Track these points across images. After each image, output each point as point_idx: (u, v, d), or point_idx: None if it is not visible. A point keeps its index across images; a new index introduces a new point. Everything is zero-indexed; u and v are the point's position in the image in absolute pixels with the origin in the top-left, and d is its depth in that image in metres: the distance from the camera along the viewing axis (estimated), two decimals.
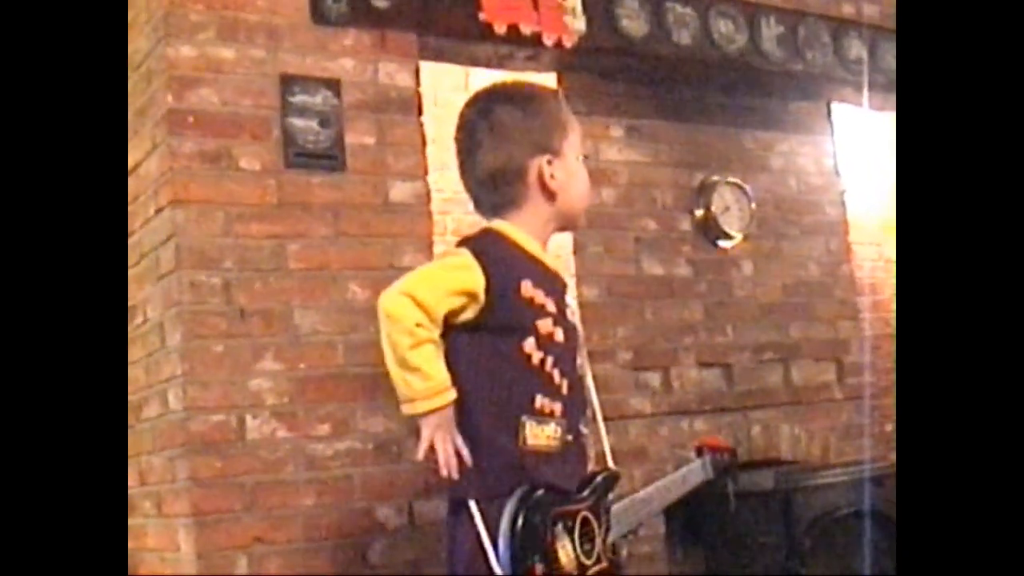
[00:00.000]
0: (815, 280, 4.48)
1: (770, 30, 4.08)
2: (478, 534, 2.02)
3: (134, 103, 3.17)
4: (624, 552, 3.55)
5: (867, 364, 4.52)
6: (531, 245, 2.18)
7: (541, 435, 2.08)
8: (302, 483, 2.99)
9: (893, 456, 4.35)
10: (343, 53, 3.25)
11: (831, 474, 3.87)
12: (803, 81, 4.30)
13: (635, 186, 4.08)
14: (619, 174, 4.04)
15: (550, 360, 2.11)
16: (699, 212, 4.17)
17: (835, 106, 4.61)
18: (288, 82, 3.14)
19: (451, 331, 2.08)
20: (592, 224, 3.95)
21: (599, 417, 2.27)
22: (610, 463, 2.30)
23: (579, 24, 3.61)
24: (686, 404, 4.03)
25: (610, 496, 2.22)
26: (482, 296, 2.06)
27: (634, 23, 3.75)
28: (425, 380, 2.04)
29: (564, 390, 2.13)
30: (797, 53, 4.16)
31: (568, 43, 3.60)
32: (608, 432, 3.77)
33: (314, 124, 3.15)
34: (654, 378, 3.99)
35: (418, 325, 2.03)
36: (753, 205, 4.27)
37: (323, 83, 3.19)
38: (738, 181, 4.25)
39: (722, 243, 4.22)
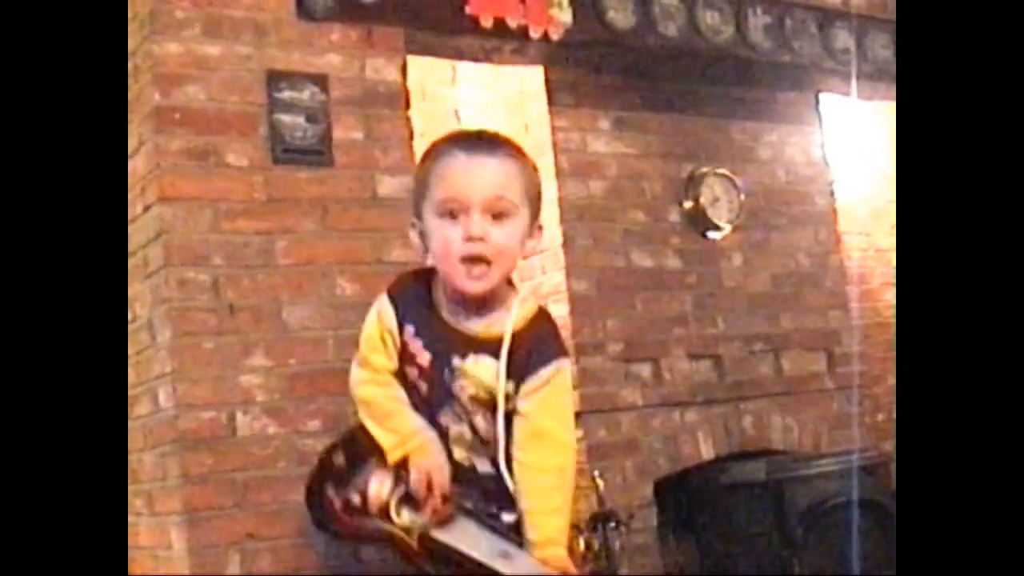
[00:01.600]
0: (805, 270, 4.48)
1: (757, 20, 4.08)
2: None
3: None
4: (617, 544, 3.58)
5: (857, 354, 4.53)
6: (438, 290, 2.17)
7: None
8: (293, 479, 2.98)
9: (884, 445, 4.37)
10: (329, 48, 3.24)
11: (823, 464, 3.87)
12: (791, 71, 4.30)
13: (624, 178, 4.08)
14: (607, 166, 4.05)
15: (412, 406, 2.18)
16: (688, 203, 4.18)
17: (823, 96, 4.61)
18: (275, 78, 3.13)
19: None
20: (581, 216, 3.96)
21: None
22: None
23: (565, 16, 3.60)
24: (677, 396, 4.04)
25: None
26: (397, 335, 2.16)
27: (620, 15, 3.75)
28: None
29: None
30: (784, 43, 4.15)
31: (554, 36, 3.59)
32: (599, 424, 3.81)
33: (301, 120, 3.15)
34: (644, 370, 3.99)
35: (362, 383, 2.23)
36: (742, 196, 4.27)
37: (310, 78, 3.18)
38: (727, 172, 4.25)
39: (711, 234, 4.22)
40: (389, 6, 3.32)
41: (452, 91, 4.39)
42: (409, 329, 2.15)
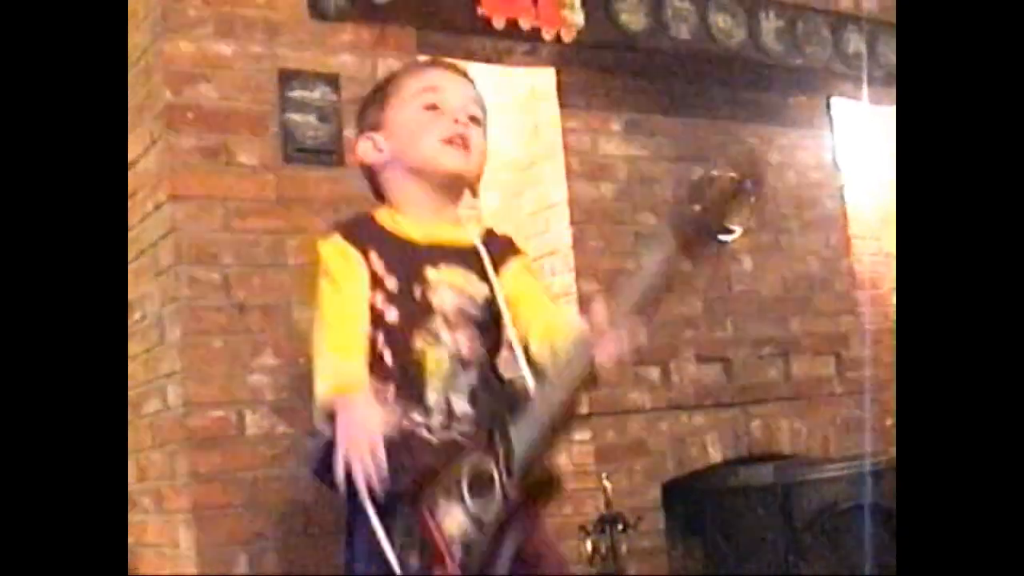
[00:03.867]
0: (815, 274, 4.47)
1: (769, 24, 4.08)
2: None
3: (133, 99, 3.16)
4: (624, 547, 3.57)
5: (867, 358, 4.52)
6: (386, 219, 2.12)
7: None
8: (302, 478, 2.98)
9: (893, 450, 4.36)
10: (342, 48, 3.24)
11: (831, 468, 3.86)
12: (802, 75, 4.29)
13: (634, 180, 4.07)
14: (618, 168, 4.04)
15: (380, 339, 1.99)
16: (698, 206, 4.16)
17: (834, 100, 4.60)
18: (286, 77, 3.13)
19: None
20: (591, 218, 3.95)
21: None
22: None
23: (578, 18, 3.60)
24: (685, 399, 4.03)
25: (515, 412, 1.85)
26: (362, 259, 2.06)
27: (633, 17, 3.75)
28: None
29: (395, 370, 1.97)
30: (796, 47, 4.15)
31: (567, 37, 3.59)
32: (608, 426, 3.80)
33: (313, 119, 3.15)
34: (653, 372, 3.98)
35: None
36: (753, 199, 4.25)
37: (321, 78, 3.18)
38: (737, 176, 4.24)
39: (721, 237, 4.20)
40: (401, 6, 3.32)
41: None
42: (372, 254, 2.03)
